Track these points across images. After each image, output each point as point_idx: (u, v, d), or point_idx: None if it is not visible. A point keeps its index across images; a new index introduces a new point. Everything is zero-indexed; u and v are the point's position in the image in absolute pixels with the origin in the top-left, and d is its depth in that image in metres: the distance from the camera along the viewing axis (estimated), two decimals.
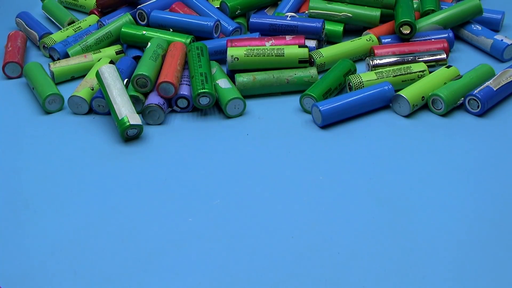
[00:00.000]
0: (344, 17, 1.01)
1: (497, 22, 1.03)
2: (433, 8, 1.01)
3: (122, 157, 0.80)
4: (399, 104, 0.85)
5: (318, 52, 0.94)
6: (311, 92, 0.86)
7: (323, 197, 0.73)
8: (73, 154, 0.81)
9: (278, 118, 0.86)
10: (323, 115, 0.82)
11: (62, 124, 0.87)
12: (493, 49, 0.97)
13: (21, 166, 0.80)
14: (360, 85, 0.87)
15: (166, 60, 0.89)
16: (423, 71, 0.89)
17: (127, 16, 1.00)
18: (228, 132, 0.84)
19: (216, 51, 0.95)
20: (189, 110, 0.87)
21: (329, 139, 0.82)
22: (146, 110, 0.84)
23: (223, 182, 0.76)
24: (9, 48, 0.99)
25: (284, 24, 0.97)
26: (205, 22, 0.97)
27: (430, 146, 0.81)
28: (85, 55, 0.96)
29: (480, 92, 0.85)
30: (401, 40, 0.97)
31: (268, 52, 0.90)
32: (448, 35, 0.97)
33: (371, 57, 0.93)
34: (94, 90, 0.88)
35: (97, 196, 0.74)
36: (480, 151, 0.80)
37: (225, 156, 0.80)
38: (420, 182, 0.75)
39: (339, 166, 0.78)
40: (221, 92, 0.86)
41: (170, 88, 0.85)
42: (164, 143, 0.82)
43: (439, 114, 0.85)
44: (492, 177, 0.76)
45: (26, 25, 1.06)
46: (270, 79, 0.89)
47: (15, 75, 0.97)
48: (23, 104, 0.91)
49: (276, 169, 0.78)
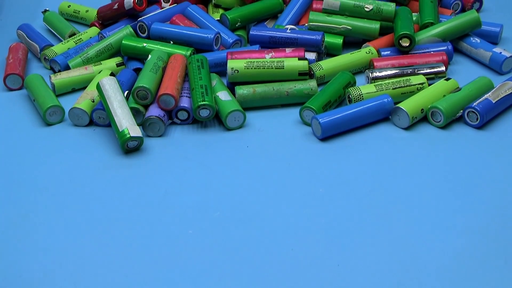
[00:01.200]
0: (344, 30, 1.01)
1: (496, 35, 1.04)
2: (432, 21, 1.01)
3: (123, 169, 0.80)
4: (399, 116, 0.86)
5: (318, 65, 0.95)
6: (311, 104, 0.86)
7: (323, 210, 0.74)
8: (74, 166, 0.81)
9: (278, 130, 0.86)
10: (322, 128, 0.83)
11: (62, 136, 0.87)
12: (492, 61, 0.97)
13: (22, 178, 0.80)
14: (360, 98, 0.88)
15: (167, 72, 0.89)
16: (423, 84, 0.89)
17: (127, 29, 1.01)
18: (228, 144, 0.84)
19: (216, 64, 0.96)
20: (189, 122, 0.88)
21: (328, 152, 0.82)
22: (147, 122, 0.85)
23: (223, 194, 0.76)
24: (11, 60, 1.00)
25: (284, 37, 0.98)
26: (205, 35, 0.98)
27: (429, 158, 0.81)
28: (86, 67, 0.96)
29: (479, 104, 0.85)
30: (401, 52, 0.98)
31: (268, 64, 0.90)
32: (447, 48, 0.98)
33: (371, 69, 0.94)
34: (94, 102, 0.89)
35: (98, 208, 0.75)
36: (479, 164, 0.80)
37: (225, 168, 0.80)
38: (419, 195, 0.75)
39: (339, 179, 0.78)
40: (221, 104, 0.87)
41: (170, 100, 0.85)
42: (165, 155, 0.82)
43: (438, 127, 0.86)
44: (491, 189, 0.76)
45: (28, 37, 1.06)
46: (270, 92, 0.89)
47: (16, 87, 0.97)
48: (24, 115, 0.91)
49: (276, 181, 0.78)
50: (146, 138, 0.85)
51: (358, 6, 1.02)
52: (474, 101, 0.86)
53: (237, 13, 1.05)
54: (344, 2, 1.02)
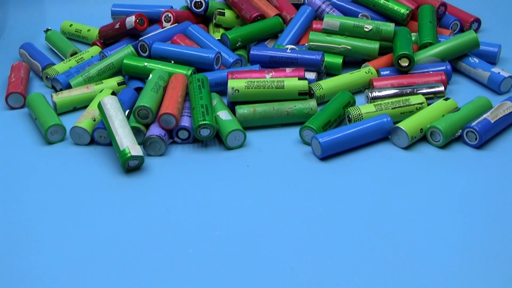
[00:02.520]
0: (343, 50, 1.02)
1: (494, 55, 1.04)
2: (431, 41, 1.02)
3: (123, 188, 0.80)
4: (398, 136, 0.86)
5: (318, 84, 0.95)
6: (311, 124, 0.86)
7: (323, 229, 0.74)
8: (75, 185, 0.81)
9: (278, 149, 0.87)
10: (322, 147, 0.83)
11: (63, 154, 0.87)
12: (491, 81, 0.98)
13: (23, 196, 0.80)
14: (359, 117, 0.88)
15: (168, 91, 0.90)
16: (422, 104, 0.90)
17: (129, 48, 1.02)
18: (228, 163, 0.84)
19: (217, 83, 0.96)
20: (190, 142, 0.88)
21: (328, 171, 0.82)
22: (147, 141, 0.85)
23: (223, 214, 0.76)
24: (13, 78, 1.00)
25: (284, 57, 0.99)
26: (206, 54, 0.98)
27: (429, 178, 0.81)
28: (87, 86, 0.97)
29: (478, 124, 0.85)
30: (400, 72, 0.98)
31: (268, 84, 0.91)
32: (446, 68, 0.98)
33: (370, 89, 0.94)
34: (96, 121, 0.89)
35: (98, 227, 0.75)
36: (478, 183, 0.80)
37: (225, 188, 0.80)
38: (419, 214, 0.75)
39: (339, 198, 0.78)
40: (221, 124, 0.87)
41: (171, 120, 0.86)
42: (165, 174, 0.83)
43: (437, 146, 0.86)
44: (490, 209, 0.76)
45: (30, 56, 1.07)
46: (270, 111, 0.90)
47: (18, 105, 0.98)
48: (26, 134, 0.92)
49: (276, 201, 0.78)
50: (147, 157, 0.85)
51: (357, 26, 1.03)
52: (473, 121, 0.86)
53: (238, 33, 1.05)
54: (344, 22, 1.03)
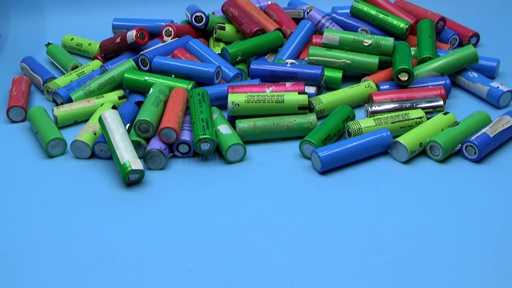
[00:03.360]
0: (343, 64, 1.03)
1: (493, 70, 1.05)
2: (430, 55, 1.03)
3: (124, 202, 0.81)
4: (398, 150, 0.86)
5: (318, 99, 0.95)
6: (311, 138, 0.87)
7: (323, 243, 0.74)
8: (75, 198, 0.82)
9: (278, 164, 0.87)
10: (322, 161, 0.83)
11: (64, 168, 0.87)
12: (489, 96, 0.98)
13: (24, 210, 0.80)
14: (359, 132, 0.88)
15: (168, 105, 0.90)
16: (421, 118, 0.90)
17: (129, 62, 1.02)
18: (228, 177, 0.84)
19: (217, 97, 0.96)
20: (190, 156, 0.88)
21: (328, 185, 0.83)
22: (148, 155, 0.85)
23: (223, 228, 0.76)
24: (14, 92, 1.01)
25: (284, 71, 0.99)
26: (206, 68, 0.99)
27: (428, 192, 0.81)
28: (88, 100, 0.97)
29: (477, 138, 0.86)
30: (399, 86, 0.99)
31: (268, 98, 0.91)
32: (445, 82, 0.99)
33: (370, 103, 0.94)
34: (96, 135, 0.89)
35: (99, 241, 0.75)
36: (478, 197, 0.80)
37: (225, 202, 0.80)
38: (418, 228, 0.75)
39: (339, 212, 0.78)
40: (221, 138, 0.87)
41: (171, 134, 0.86)
42: (165, 188, 0.83)
43: (437, 160, 0.86)
44: (490, 223, 0.76)
45: (31, 69, 1.08)
46: (270, 125, 0.90)
47: (19, 119, 0.98)
48: (27, 148, 0.92)
49: (275, 215, 0.78)
50: (147, 171, 0.85)
51: (357, 40, 1.03)
52: (472, 135, 0.86)
53: (238, 47, 1.06)
54: (343, 36, 1.04)
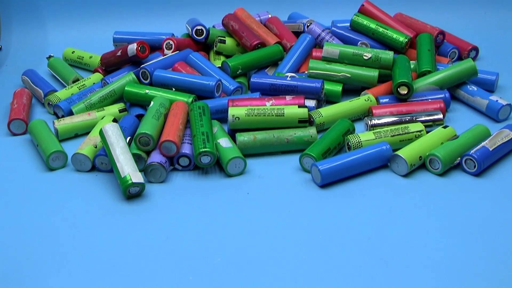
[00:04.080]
0: (343, 77, 1.03)
1: (492, 83, 1.05)
2: (429, 69, 1.03)
3: (124, 215, 0.81)
4: (397, 163, 0.86)
5: (318, 112, 0.96)
6: (311, 151, 0.87)
7: (322, 256, 0.74)
8: (76, 211, 0.82)
9: (278, 177, 0.87)
10: (322, 175, 0.83)
11: (65, 181, 0.88)
12: (489, 109, 0.99)
13: (24, 222, 0.80)
14: (359, 145, 0.89)
15: (169, 119, 0.90)
16: (421, 131, 0.90)
17: (130, 75, 1.02)
18: (228, 190, 0.85)
19: (217, 110, 0.97)
20: (191, 169, 0.88)
21: (328, 198, 0.83)
22: (148, 168, 0.86)
23: (223, 241, 0.76)
24: (15, 105, 1.01)
25: (284, 84, 0.99)
26: (206, 82, 0.99)
27: (428, 206, 0.81)
28: (89, 113, 0.98)
29: (477, 152, 0.86)
30: (399, 100, 0.99)
31: (268, 112, 0.91)
32: (444, 96, 0.99)
33: (370, 117, 0.95)
34: (97, 147, 0.90)
35: (99, 254, 0.75)
36: (477, 211, 0.80)
37: (225, 215, 0.80)
38: (418, 242, 0.75)
39: (338, 225, 0.78)
40: (222, 151, 0.88)
41: (172, 147, 0.86)
42: (166, 201, 0.83)
43: (436, 174, 0.86)
44: (490, 237, 0.76)
45: (32, 82, 1.08)
46: (270, 139, 0.90)
47: (20, 131, 0.98)
48: (27, 160, 0.92)
49: (276, 228, 0.78)
50: (148, 184, 0.85)
51: (357, 54, 1.04)
52: (472, 148, 0.87)
53: (238, 60, 1.06)
54: (343, 50, 1.04)
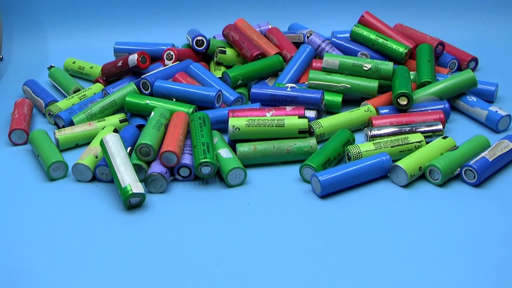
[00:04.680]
0: (343, 88, 1.03)
1: (491, 94, 1.05)
2: (429, 79, 1.03)
3: (125, 225, 0.81)
4: (397, 174, 0.87)
5: (318, 123, 0.96)
6: (311, 162, 0.87)
7: (322, 267, 0.74)
8: (76, 221, 0.82)
9: (278, 187, 0.87)
10: (322, 185, 0.84)
11: (65, 191, 0.88)
12: (488, 120, 0.99)
13: (25, 233, 0.80)
14: (359, 156, 0.89)
15: (169, 129, 0.91)
16: (420, 142, 0.90)
17: (131, 86, 1.03)
18: (229, 201, 0.85)
19: (217, 121, 0.97)
20: (191, 179, 0.89)
21: (328, 209, 0.83)
22: (149, 179, 0.86)
23: (224, 251, 0.76)
24: (16, 115, 1.01)
25: (285, 95, 1.00)
26: (207, 92, 1.00)
27: (428, 216, 0.81)
28: (90, 123, 0.98)
29: (476, 163, 0.86)
30: (399, 111, 0.99)
31: (268, 122, 0.92)
32: (444, 106, 0.99)
33: (369, 127, 0.95)
34: (98, 158, 0.90)
35: (99, 264, 0.75)
36: (477, 221, 0.80)
37: (226, 225, 0.81)
38: (418, 253, 0.76)
39: (339, 236, 0.78)
40: (222, 162, 0.88)
41: (172, 158, 0.86)
42: (166, 212, 0.83)
43: (436, 184, 0.87)
44: (490, 247, 0.76)
45: (33, 92, 1.08)
46: (271, 149, 0.91)
47: (21, 142, 0.99)
48: (28, 170, 0.92)
49: (276, 239, 0.78)
50: (148, 195, 0.86)
51: (356, 65, 1.04)
52: (471, 159, 0.87)
53: (239, 71, 1.07)
54: (343, 61, 1.05)
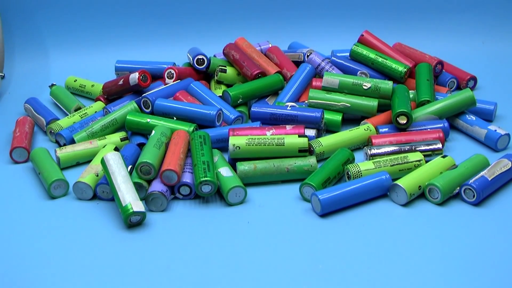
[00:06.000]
0: (343, 107, 1.04)
1: (490, 113, 1.06)
2: (428, 98, 1.04)
3: (125, 244, 0.81)
4: (397, 193, 0.87)
5: (318, 141, 0.96)
6: (311, 181, 0.87)
7: (323, 286, 0.74)
8: (77, 240, 0.82)
9: (278, 206, 0.87)
10: (322, 204, 0.84)
11: (66, 209, 0.88)
12: (487, 139, 0.99)
13: (25, 250, 0.80)
14: (359, 174, 0.89)
15: (170, 148, 0.91)
16: (420, 161, 0.91)
17: (132, 104, 1.03)
18: (229, 219, 0.85)
19: (218, 139, 0.97)
20: (191, 198, 0.89)
21: (328, 228, 0.83)
22: (149, 197, 0.86)
23: (224, 270, 0.77)
24: (17, 133, 1.01)
25: (285, 114, 1.00)
26: (207, 111, 1.00)
27: (428, 235, 0.81)
28: (91, 142, 0.98)
29: (476, 182, 0.86)
30: (398, 129, 1.00)
31: (268, 141, 0.92)
32: (443, 125, 1.00)
33: (369, 146, 0.95)
34: (99, 176, 0.90)
35: (100, 283, 0.75)
36: (477, 240, 0.80)
37: (226, 244, 0.81)
38: (418, 271, 0.76)
39: (338, 255, 0.79)
40: (222, 180, 0.88)
41: (173, 176, 0.87)
42: (167, 230, 0.83)
43: (435, 203, 0.87)
44: (489, 266, 0.76)
45: (34, 110, 1.09)
46: (271, 168, 0.91)
47: (22, 159, 0.99)
48: (29, 188, 0.92)
49: (276, 257, 0.78)
50: (149, 213, 0.86)
51: (356, 84, 1.05)
52: (471, 178, 0.87)
53: (239, 89, 1.07)
54: (343, 80, 1.05)
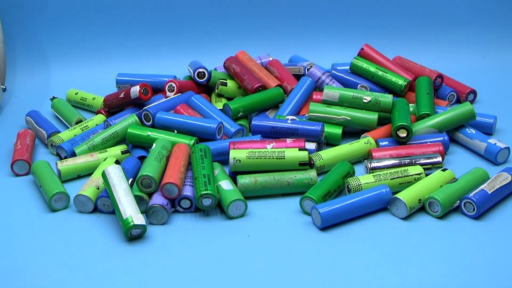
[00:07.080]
0: (343, 120, 1.04)
1: (490, 126, 1.06)
2: (428, 112, 1.04)
3: (126, 257, 0.81)
4: (397, 206, 0.87)
5: (318, 155, 0.97)
6: (311, 194, 0.88)
7: None
8: (77, 253, 0.82)
9: (278, 219, 0.87)
10: (322, 218, 0.84)
11: (67, 222, 0.88)
12: (487, 152, 0.99)
13: (26, 263, 0.80)
14: (359, 188, 0.89)
15: (170, 161, 0.91)
16: (420, 174, 0.91)
17: (133, 117, 1.03)
18: (229, 233, 0.85)
19: (219, 153, 0.98)
20: (192, 211, 0.89)
21: (328, 241, 0.83)
22: (150, 210, 0.86)
23: (224, 283, 0.77)
24: (18, 146, 1.02)
25: (285, 127, 1.00)
26: (208, 124, 1.00)
27: (428, 249, 0.82)
28: (92, 154, 0.98)
29: (476, 195, 0.86)
30: (398, 143, 1.00)
31: (269, 154, 0.92)
32: (443, 139, 1.00)
33: (369, 159, 0.96)
34: (99, 189, 0.90)
35: None
36: (477, 254, 0.80)
37: (226, 257, 0.81)
38: (418, 285, 0.76)
39: (338, 268, 0.79)
40: (223, 194, 0.88)
41: (173, 189, 0.87)
42: (167, 243, 0.83)
43: (435, 217, 0.87)
44: (490, 280, 0.76)
45: (35, 123, 1.09)
46: (271, 181, 0.91)
47: (23, 172, 0.99)
48: (30, 201, 0.93)
49: (276, 270, 0.78)
50: (149, 226, 0.86)
51: (356, 97, 1.05)
52: (471, 191, 0.87)
53: (240, 103, 1.07)
54: (343, 93, 1.06)
